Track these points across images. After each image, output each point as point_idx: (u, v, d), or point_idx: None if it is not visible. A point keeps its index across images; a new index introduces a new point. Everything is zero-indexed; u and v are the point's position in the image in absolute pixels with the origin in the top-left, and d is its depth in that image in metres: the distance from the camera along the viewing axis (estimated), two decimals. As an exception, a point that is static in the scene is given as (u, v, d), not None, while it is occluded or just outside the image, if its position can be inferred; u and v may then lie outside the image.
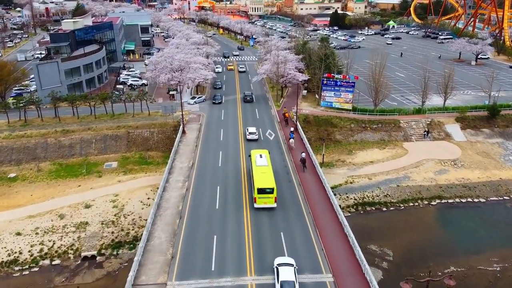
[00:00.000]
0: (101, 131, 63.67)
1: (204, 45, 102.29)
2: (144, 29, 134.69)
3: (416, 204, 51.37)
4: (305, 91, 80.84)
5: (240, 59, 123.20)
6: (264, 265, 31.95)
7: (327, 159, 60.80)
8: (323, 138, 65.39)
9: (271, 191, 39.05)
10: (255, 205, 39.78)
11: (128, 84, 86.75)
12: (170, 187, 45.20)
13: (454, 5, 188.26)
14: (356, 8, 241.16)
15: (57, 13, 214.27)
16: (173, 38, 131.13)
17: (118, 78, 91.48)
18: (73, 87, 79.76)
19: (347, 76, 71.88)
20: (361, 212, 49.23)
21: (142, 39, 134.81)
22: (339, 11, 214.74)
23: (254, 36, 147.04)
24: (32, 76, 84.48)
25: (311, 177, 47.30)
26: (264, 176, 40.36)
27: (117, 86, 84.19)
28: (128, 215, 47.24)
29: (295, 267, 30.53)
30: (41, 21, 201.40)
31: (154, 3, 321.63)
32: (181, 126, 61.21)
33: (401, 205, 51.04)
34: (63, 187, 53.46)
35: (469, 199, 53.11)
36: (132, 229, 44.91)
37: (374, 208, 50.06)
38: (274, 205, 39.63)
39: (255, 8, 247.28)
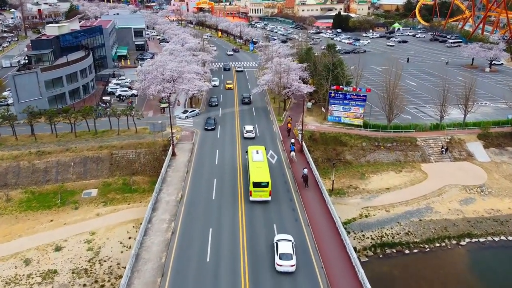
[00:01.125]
0: (81, 153, 56.37)
1: (201, 51, 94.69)
2: (138, 33, 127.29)
3: (443, 244, 43.95)
4: (310, 103, 73.55)
5: (238, 64, 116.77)
6: None
7: (337, 184, 53.53)
8: (331, 159, 58.22)
9: (266, 185, 40.65)
10: (251, 198, 41.20)
11: (116, 94, 79.39)
12: (153, 229, 37.90)
13: (460, 6, 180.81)
14: (359, 9, 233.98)
15: (50, 14, 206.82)
16: (168, 42, 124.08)
17: (106, 87, 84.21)
18: (55, 100, 72.45)
19: (358, 89, 64.60)
20: (380, 256, 41.84)
21: (136, 43, 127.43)
22: (342, 13, 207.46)
23: (254, 40, 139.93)
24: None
25: (319, 208, 40.18)
26: (259, 171, 42.01)
27: (103, 97, 76.71)
28: (105, 260, 39.93)
29: (293, 243, 33.19)
30: (33, 23, 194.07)
31: (152, 4, 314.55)
32: (170, 148, 53.93)
33: (426, 246, 43.62)
34: (33, 222, 46.15)
35: (503, 237, 45.76)
36: (108, 280, 37.59)
37: (395, 251, 42.67)
38: (269, 198, 41.15)
39: (255, 10, 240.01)
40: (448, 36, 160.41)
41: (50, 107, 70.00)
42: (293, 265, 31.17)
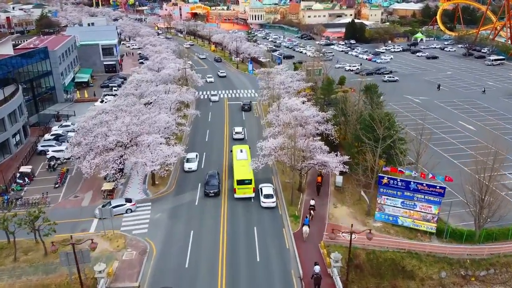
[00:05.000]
0: None
1: (178, 85, 68.19)
2: (108, 50, 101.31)
3: None
4: (340, 177, 47.01)
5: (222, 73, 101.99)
6: None
7: None
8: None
9: (249, 182, 43.10)
10: (235, 195, 43.24)
11: (49, 156, 53.07)
12: None
13: (489, 15, 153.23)
14: (371, 15, 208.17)
15: (20, 23, 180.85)
16: (148, 59, 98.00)
17: (37, 143, 57.96)
18: None
19: (430, 175, 38.42)
20: None
21: (105, 63, 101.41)
22: (353, 19, 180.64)
23: (254, 56, 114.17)
24: None
25: None
26: (243, 169, 44.36)
27: (21, 168, 49.57)
28: None
29: (273, 188, 44.53)
30: (0, 34, 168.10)
31: (143, 8, 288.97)
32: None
33: None
34: None
35: None
36: None
37: None
38: (253, 195, 43.36)
39: (255, 16, 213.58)
40: (484, 51, 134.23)
41: None
42: (274, 202, 42.20)
